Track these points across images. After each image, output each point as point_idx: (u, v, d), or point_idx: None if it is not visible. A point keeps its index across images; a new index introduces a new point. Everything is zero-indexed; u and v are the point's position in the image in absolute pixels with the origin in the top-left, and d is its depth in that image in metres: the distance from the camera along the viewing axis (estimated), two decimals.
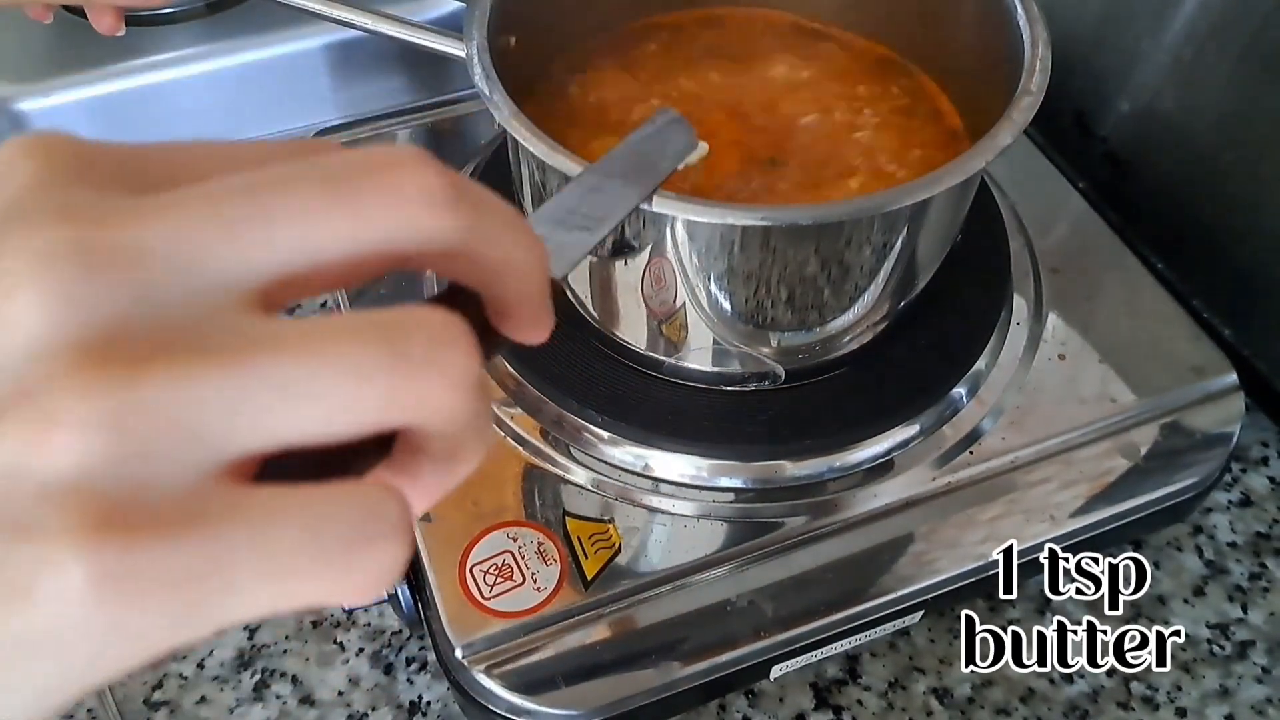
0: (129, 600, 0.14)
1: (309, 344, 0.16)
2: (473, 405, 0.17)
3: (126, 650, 0.15)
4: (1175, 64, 0.52)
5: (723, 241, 0.36)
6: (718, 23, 0.51)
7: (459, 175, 0.18)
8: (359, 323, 0.16)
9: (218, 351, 0.15)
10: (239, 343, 0.15)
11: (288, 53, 0.56)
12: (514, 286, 0.19)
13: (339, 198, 0.17)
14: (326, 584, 0.16)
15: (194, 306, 0.16)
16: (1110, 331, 0.47)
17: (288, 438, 0.16)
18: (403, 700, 0.43)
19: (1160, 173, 0.54)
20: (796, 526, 0.41)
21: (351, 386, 0.16)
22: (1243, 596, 0.46)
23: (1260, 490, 0.50)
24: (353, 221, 0.17)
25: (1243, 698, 0.44)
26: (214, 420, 0.15)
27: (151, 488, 0.15)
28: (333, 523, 0.16)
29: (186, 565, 0.15)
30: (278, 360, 0.15)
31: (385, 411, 0.16)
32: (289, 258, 0.16)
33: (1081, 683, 0.44)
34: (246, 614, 0.16)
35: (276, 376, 0.15)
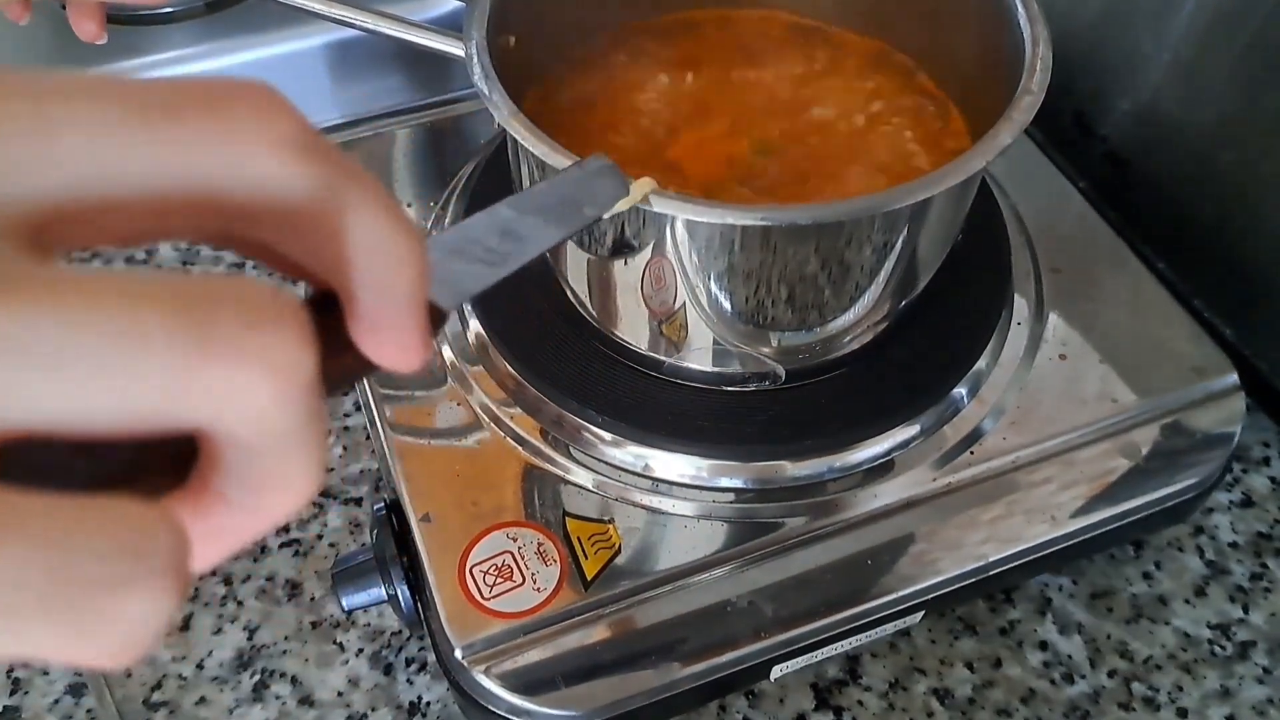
0: None
1: (80, 297, 0.12)
2: (295, 411, 0.13)
3: None
4: (1176, 63, 0.52)
5: (722, 241, 0.36)
6: (718, 22, 0.51)
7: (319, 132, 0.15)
8: (155, 281, 0.12)
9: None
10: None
11: (286, 52, 0.56)
12: (378, 280, 0.15)
13: (149, 117, 0.13)
14: (56, 636, 0.12)
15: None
16: (1111, 331, 0.47)
17: (28, 419, 0.12)
18: (402, 701, 0.43)
19: (1161, 172, 0.54)
20: (797, 527, 0.41)
21: (125, 358, 0.12)
22: (1244, 597, 0.46)
23: (1261, 490, 0.49)
24: (162, 146, 0.13)
25: (1244, 698, 0.43)
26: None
27: None
28: (77, 552, 0.11)
29: None
30: (34, 311, 0.11)
31: (167, 400, 0.12)
32: (71, 180, 0.13)
33: (1083, 683, 0.44)
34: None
35: (26, 332, 0.11)
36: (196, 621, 0.45)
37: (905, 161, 0.45)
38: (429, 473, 0.41)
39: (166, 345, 0.12)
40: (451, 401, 0.44)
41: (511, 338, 0.45)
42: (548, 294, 0.45)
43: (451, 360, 0.45)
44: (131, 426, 0.12)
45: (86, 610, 0.12)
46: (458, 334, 0.46)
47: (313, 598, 0.46)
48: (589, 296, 0.43)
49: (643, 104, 0.47)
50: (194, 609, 0.46)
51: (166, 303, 0.12)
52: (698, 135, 0.45)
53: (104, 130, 0.13)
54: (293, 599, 0.46)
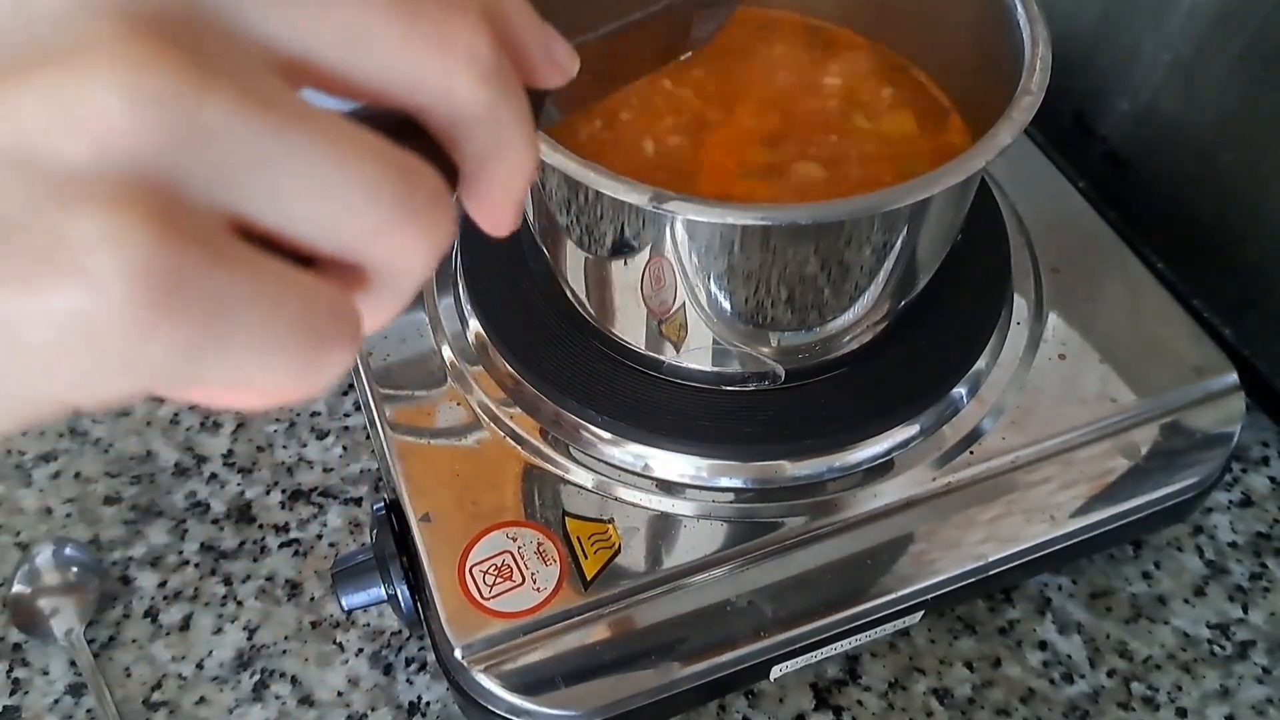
0: (166, 308, 0.13)
1: (340, 142, 0.15)
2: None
3: (128, 371, 0.14)
4: (1175, 63, 0.52)
5: (722, 241, 0.36)
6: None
7: (497, 48, 0.17)
8: (380, 146, 0.16)
9: (269, 104, 0.14)
10: (283, 106, 0.15)
11: None
12: (502, 176, 0.19)
13: (395, 17, 0.16)
14: (292, 370, 0.15)
15: (238, 44, 0.15)
16: (1110, 331, 0.47)
17: (282, 223, 0.15)
18: (402, 701, 0.43)
19: (1160, 172, 0.54)
20: (796, 526, 0.41)
21: (358, 202, 0.15)
22: (1243, 596, 0.46)
23: (1261, 490, 0.50)
24: (397, 54, 0.16)
25: (1243, 698, 0.43)
26: (248, 170, 0.14)
27: (196, 203, 0.14)
28: (315, 313, 0.15)
29: (214, 297, 0.14)
30: (313, 144, 0.15)
31: (364, 241, 0.16)
32: (330, 51, 0.16)
33: (1082, 683, 0.44)
34: (215, 380, 0.15)
35: (305, 158, 0.15)
36: (196, 621, 0.45)
37: (904, 160, 0.45)
38: (429, 472, 0.41)
39: (383, 204, 0.15)
40: (451, 401, 0.44)
41: (511, 337, 0.45)
42: (547, 294, 0.45)
43: (451, 360, 0.46)
44: (333, 249, 0.16)
45: (316, 355, 0.15)
46: (457, 334, 0.46)
47: (312, 598, 0.46)
48: (588, 296, 0.43)
49: (646, 104, 0.47)
50: (193, 609, 0.46)
51: (390, 170, 0.16)
52: (702, 134, 0.45)
53: (362, 14, 0.16)
54: (292, 599, 0.46)
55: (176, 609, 0.46)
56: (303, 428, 0.51)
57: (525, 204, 0.43)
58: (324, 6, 0.16)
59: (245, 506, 0.49)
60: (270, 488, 0.49)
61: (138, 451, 0.51)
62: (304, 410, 0.52)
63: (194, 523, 0.48)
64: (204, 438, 0.51)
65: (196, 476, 0.50)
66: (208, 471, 0.50)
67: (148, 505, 0.49)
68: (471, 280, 0.47)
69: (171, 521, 0.49)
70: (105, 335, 0.13)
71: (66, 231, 0.13)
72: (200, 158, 0.14)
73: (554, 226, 0.41)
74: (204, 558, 0.47)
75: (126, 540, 0.48)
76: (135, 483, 0.50)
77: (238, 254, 0.14)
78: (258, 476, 0.50)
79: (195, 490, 0.50)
